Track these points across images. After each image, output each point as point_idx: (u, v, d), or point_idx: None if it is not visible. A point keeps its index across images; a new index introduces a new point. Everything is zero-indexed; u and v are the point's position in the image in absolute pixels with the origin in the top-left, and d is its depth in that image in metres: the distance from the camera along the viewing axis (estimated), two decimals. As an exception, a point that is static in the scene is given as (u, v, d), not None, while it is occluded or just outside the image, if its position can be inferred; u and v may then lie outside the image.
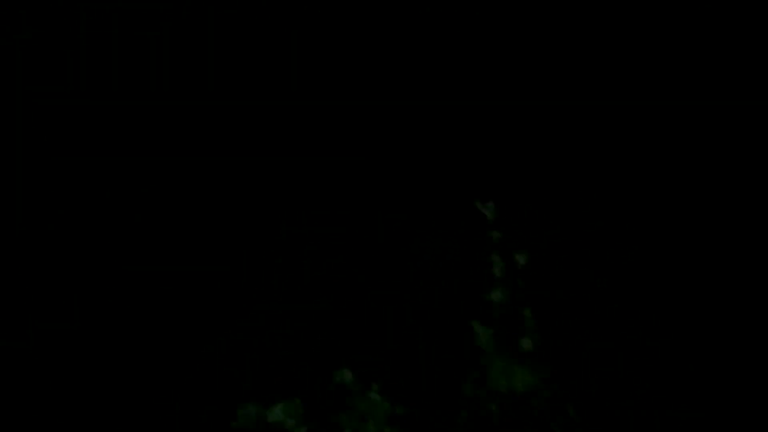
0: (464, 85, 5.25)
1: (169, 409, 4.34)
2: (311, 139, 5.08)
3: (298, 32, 5.30)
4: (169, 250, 4.82)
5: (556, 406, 3.78)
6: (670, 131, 4.97)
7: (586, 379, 3.95)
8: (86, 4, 5.04)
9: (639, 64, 5.22)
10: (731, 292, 4.39)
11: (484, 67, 5.16)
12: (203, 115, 5.12)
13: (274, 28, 5.32)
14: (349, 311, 4.52)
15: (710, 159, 4.89)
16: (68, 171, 4.95)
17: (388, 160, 5.06)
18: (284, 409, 3.80)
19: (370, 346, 4.37)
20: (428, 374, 4.03)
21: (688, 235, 4.70)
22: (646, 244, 4.60)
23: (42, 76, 5.02)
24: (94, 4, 5.07)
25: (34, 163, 4.93)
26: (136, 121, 5.08)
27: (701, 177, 4.79)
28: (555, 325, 4.04)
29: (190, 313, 4.61)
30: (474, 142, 5.09)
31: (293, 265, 4.69)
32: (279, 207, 4.94)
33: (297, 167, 5.02)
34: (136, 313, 4.55)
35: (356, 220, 4.84)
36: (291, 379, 4.05)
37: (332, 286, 4.65)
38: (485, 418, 3.81)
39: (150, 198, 4.93)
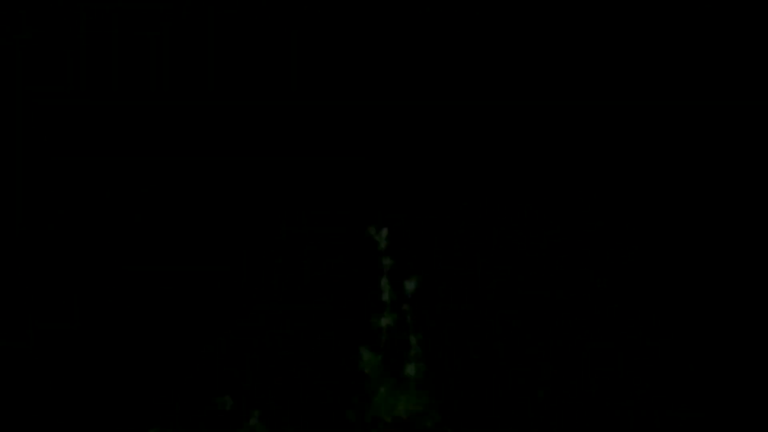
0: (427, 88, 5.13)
1: (169, 409, 4.45)
2: (311, 138, 5.07)
3: (298, 32, 5.28)
4: (169, 250, 4.92)
5: None
6: (634, 129, 4.76)
7: (468, 406, 3.86)
8: (86, 4, 5.16)
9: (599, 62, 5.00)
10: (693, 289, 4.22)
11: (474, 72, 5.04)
12: (203, 115, 5.18)
13: (275, 28, 5.32)
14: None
15: (697, 157, 4.68)
16: (68, 171, 5.11)
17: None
18: (156, 440, 3.85)
19: (251, 369, 4.35)
20: (312, 399, 3.98)
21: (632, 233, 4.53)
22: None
23: (42, 76, 5.19)
24: (94, 4, 5.19)
25: (34, 163, 5.12)
26: (136, 121, 5.19)
27: (673, 176, 4.59)
28: (440, 352, 3.95)
29: (190, 313, 4.70)
30: (371, 167, 4.97)
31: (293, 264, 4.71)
32: (279, 207, 4.95)
33: (297, 167, 5.01)
34: (136, 313, 4.67)
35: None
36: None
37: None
38: (367, 443, 3.78)
39: (150, 198, 5.03)
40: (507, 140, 4.94)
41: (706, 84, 4.97)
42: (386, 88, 4.92)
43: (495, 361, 3.99)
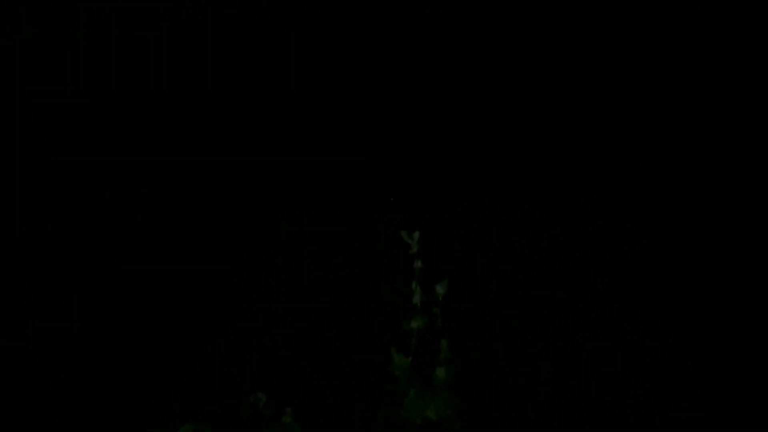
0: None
1: (169, 409, 4.45)
2: (319, 138, 5.08)
3: (298, 32, 5.29)
4: (169, 250, 4.91)
5: (466, 434, 3.75)
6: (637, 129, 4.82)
7: (497, 411, 3.91)
8: (86, 4, 5.13)
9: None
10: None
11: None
12: (203, 115, 5.17)
13: (274, 28, 5.32)
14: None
15: (697, 157, 4.74)
16: (68, 171, 5.08)
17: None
18: None
19: (285, 368, 4.38)
20: (343, 400, 4.02)
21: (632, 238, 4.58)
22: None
23: (42, 76, 5.15)
24: (94, 4, 5.16)
25: (34, 163, 5.08)
26: (136, 121, 5.17)
27: (672, 177, 4.65)
28: (471, 357, 3.99)
29: (190, 313, 4.69)
30: (405, 173, 5.01)
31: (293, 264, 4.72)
32: (279, 207, 4.96)
33: (297, 167, 5.03)
34: (136, 312, 4.66)
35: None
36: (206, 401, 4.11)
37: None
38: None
39: (150, 198, 5.02)
40: (509, 139, 5.00)
41: (706, 84, 5.00)
42: (389, 87, 4.96)
43: (520, 363, 4.05)
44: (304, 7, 5.07)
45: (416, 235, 3.94)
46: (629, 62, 5.00)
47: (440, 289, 3.94)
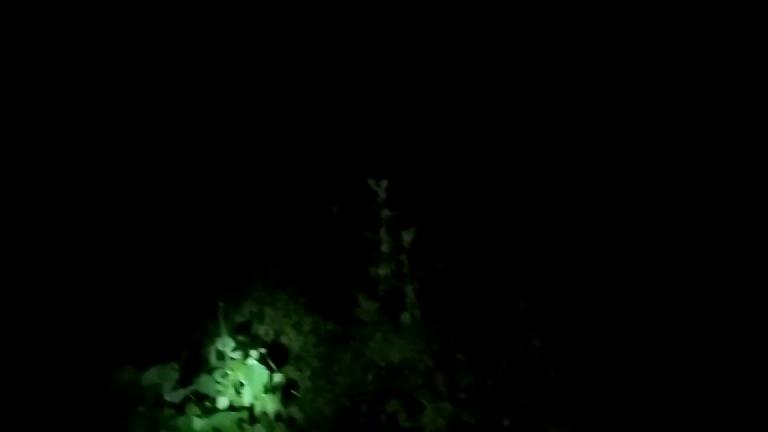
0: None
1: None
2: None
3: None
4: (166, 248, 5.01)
5: (427, 378, 3.84)
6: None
7: (456, 353, 4.00)
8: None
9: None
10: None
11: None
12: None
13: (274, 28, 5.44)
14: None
15: (697, 156, 4.78)
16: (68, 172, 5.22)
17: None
18: (159, 373, 4.01)
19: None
20: (308, 343, 4.16)
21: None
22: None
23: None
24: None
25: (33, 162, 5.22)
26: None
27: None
28: (434, 302, 4.10)
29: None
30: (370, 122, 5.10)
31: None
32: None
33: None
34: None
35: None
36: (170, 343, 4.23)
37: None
38: (360, 387, 3.93)
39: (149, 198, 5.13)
40: (476, 89, 5.03)
41: (706, 83, 5.01)
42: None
43: (484, 309, 4.14)
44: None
45: (384, 183, 4.07)
46: (629, 62, 5.08)
47: (407, 237, 4.05)
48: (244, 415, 3.81)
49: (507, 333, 4.09)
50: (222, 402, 3.84)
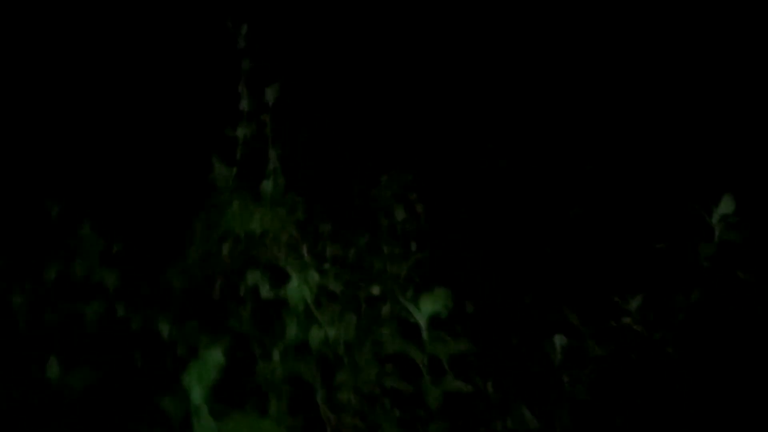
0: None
1: None
2: None
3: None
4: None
5: (291, 247, 3.45)
6: None
7: (322, 221, 3.60)
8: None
9: None
10: None
11: None
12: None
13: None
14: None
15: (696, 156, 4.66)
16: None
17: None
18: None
19: (84, 174, 4.01)
20: (155, 211, 3.66)
21: None
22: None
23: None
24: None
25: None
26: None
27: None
28: (300, 168, 3.66)
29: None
30: None
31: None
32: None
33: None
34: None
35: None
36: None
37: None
38: (214, 257, 3.47)
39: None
40: None
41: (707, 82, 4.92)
42: None
43: (353, 174, 3.77)
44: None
45: (244, 28, 3.54)
46: (629, 62, 5.00)
47: (271, 94, 3.57)
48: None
49: (369, 206, 3.83)
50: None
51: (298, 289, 3.02)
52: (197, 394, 2.22)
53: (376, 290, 3.46)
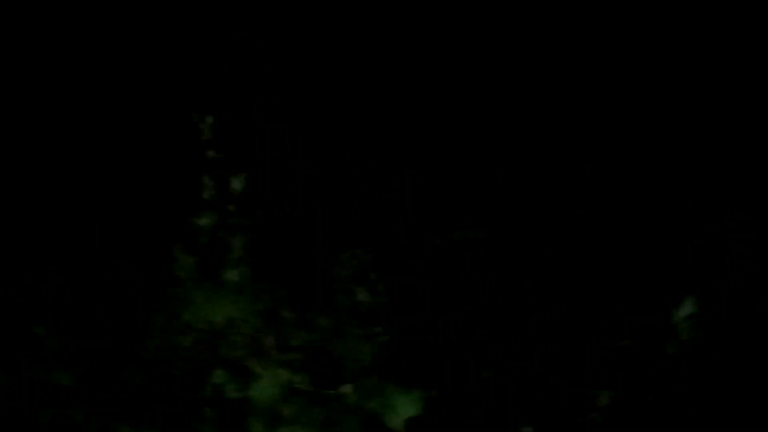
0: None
1: None
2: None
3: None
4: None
5: (256, 340, 3.38)
6: None
7: (285, 306, 3.58)
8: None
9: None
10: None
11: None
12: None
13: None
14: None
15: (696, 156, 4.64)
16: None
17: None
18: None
19: (38, 270, 3.96)
20: (115, 304, 3.61)
21: None
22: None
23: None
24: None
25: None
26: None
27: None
28: (264, 258, 3.63)
29: None
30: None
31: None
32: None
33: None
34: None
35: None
36: None
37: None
38: (174, 351, 3.42)
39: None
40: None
41: (706, 82, 4.78)
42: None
43: (322, 263, 3.74)
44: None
45: (209, 119, 3.52)
46: (629, 62, 4.78)
47: (237, 184, 3.54)
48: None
49: (331, 287, 3.76)
50: None
51: (264, 389, 3.00)
52: None
53: (345, 389, 3.42)
